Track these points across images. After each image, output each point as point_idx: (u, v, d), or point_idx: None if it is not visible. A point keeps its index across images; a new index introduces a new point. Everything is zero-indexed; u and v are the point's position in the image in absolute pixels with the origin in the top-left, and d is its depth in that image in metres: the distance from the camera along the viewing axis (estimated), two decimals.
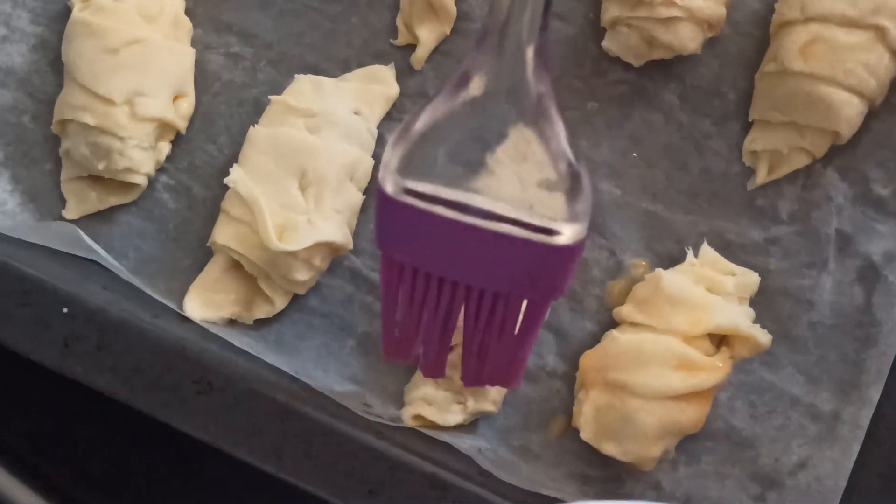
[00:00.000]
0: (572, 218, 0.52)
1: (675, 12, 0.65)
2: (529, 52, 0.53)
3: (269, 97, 0.67)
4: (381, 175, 0.54)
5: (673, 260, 0.67)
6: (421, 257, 0.54)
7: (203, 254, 0.68)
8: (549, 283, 0.54)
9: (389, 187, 0.53)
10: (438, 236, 0.53)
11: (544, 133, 0.53)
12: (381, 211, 0.54)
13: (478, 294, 0.55)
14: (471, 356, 0.58)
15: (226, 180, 0.64)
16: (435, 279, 0.55)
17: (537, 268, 0.53)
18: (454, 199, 0.53)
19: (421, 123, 0.54)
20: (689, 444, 0.65)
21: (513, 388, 0.61)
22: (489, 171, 0.53)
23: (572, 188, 0.53)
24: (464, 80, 0.54)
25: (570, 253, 0.53)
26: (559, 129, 0.54)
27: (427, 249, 0.54)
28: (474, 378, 0.59)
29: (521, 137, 0.53)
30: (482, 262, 0.54)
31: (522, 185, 0.53)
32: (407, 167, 0.53)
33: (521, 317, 0.56)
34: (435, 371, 0.60)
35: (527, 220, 0.52)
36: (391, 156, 0.54)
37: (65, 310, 0.61)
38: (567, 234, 0.52)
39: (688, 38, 0.66)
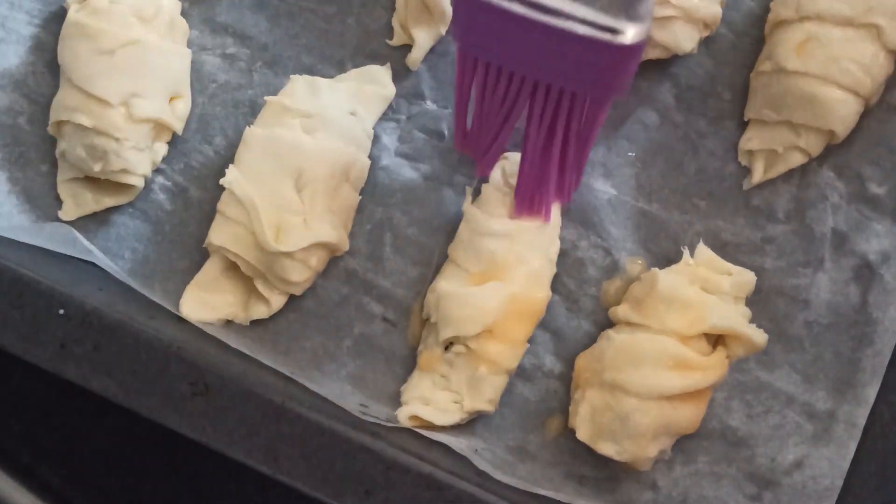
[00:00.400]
0: (635, 18, 0.54)
1: (670, 12, 0.65)
2: None
3: (265, 98, 0.67)
4: None
5: (669, 259, 0.67)
6: (494, 52, 0.57)
7: (199, 255, 0.68)
8: (611, 81, 0.56)
9: None
10: (511, 32, 0.55)
11: None
12: (458, 6, 0.56)
13: (543, 92, 0.58)
14: (530, 165, 0.61)
15: (222, 181, 0.64)
16: (505, 73, 0.58)
17: (601, 66, 0.55)
18: None
19: None
20: (685, 443, 0.65)
21: (563, 202, 0.65)
22: None
23: None
24: None
25: (631, 52, 0.54)
26: None
27: (500, 44, 0.56)
28: (530, 189, 0.63)
29: None
30: (550, 59, 0.56)
31: None
32: None
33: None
34: (488, 167, 0.65)
35: (593, 19, 0.53)
36: None
37: (61, 311, 0.61)
38: (630, 33, 0.54)
39: (683, 38, 0.66)
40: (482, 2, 0.54)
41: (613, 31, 0.54)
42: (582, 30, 0.53)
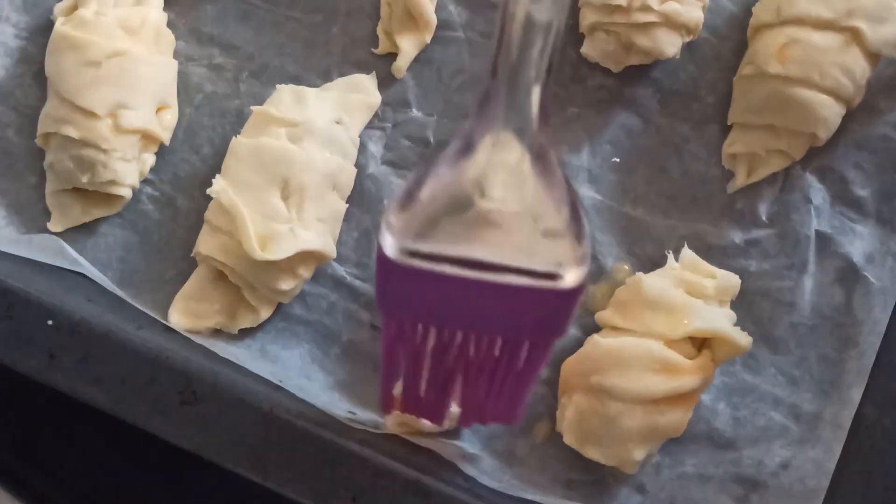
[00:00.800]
0: (576, 262, 0.52)
1: (652, 17, 0.65)
2: (535, 94, 0.51)
3: (251, 108, 0.67)
4: (383, 241, 0.52)
5: (654, 263, 0.67)
6: (426, 315, 0.54)
7: (187, 264, 0.68)
8: (554, 324, 0.54)
9: (394, 253, 0.52)
10: (444, 293, 0.53)
11: (547, 179, 0.53)
12: (383, 275, 0.53)
13: (482, 341, 0.55)
14: (471, 399, 0.58)
15: (209, 191, 0.64)
16: (438, 332, 0.55)
17: (542, 312, 0.53)
18: (458, 255, 0.52)
19: (426, 191, 0.52)
20: (672, 446, 0.65)
21: (513, 424, 0.61)
22: (492, 221, 0.52)
23: (575, 233, 0.53)
24: (468, 147, 0.52)
25: (573, 295, 0.53)
26: (560, 177, 0.53)
27: (432, 306, 0.54)
28: (475, 418, 0.60)
29: (523, 183, 0.53)
30: (488, 312, 0.54)
31: (525, 232, 0.52)
32: (409, 231, 0.52)
33: (523, 356, 0.56)
34: (438, 418, 0.60)
35: (532, 268, 0.52)
36: (395, 221, 0.52)
37: (49, 322, 0.61)
38: (571, 277, 0.52)
39: (666, 43, 0.66)
40: (413, 267, 0.52)
41: (553, 276, 0.52)
42: (521, 281, 0.51)
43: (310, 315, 0.68)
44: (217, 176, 0.65)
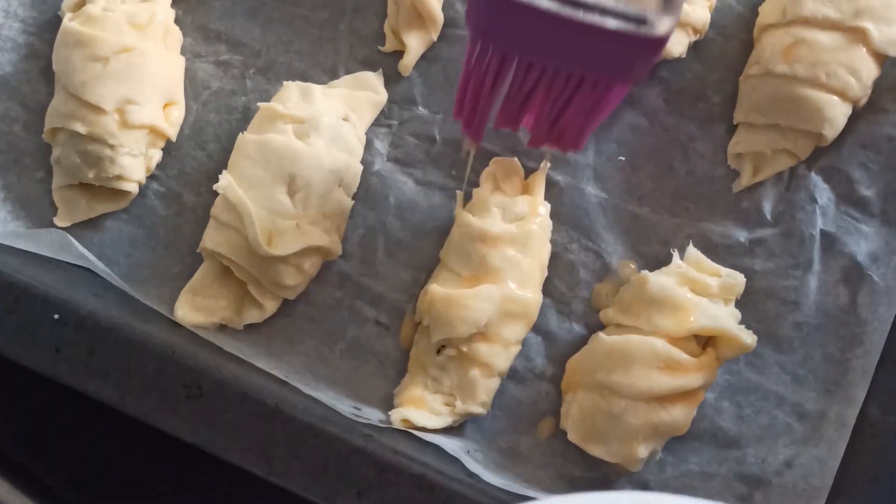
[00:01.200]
0: (666, 9, 0.52)
1: None
2: None
3: (258, 104, 0.68)
4: None
5: (659, 262, 0.67)
6: (512, 43, 0.55)
7: (193, 260, 0.68)
8: (635, 69, 0.55)
9: None
10: (534, 26, 0.53)
11: None
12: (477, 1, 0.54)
13: (561, 75, 0.56)
14: (542, 123, 0.60)
15: (215, 187, 0.64)
16: (519, 62, 0.56)
17: (627, 56, 0.54)
18: None
19: None
20: (676, 444, 0.65)
21: (576, 151, 0.65)
22: None
23: None
24: None
25: (659, 44, 0.53)
26: None
27: (519, 36, 0.54)
28: (543, 140, 0.62)
29: None
30: (574, 50, 0.54)
31: None
32: None
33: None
34: (512, 124, 0.62)
35: (625, 11, 0.52)
36: None
37: (56, 316, 0.61)
38: (662, 26, 0.52)
39: (672, 42, 0.66)
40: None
41: (644, 21, 0.52)
42: (612, 24, 0.52)
43: (315, 311, 0.68)
44: (224, 172, 0.65)
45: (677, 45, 0.67)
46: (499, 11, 0.53)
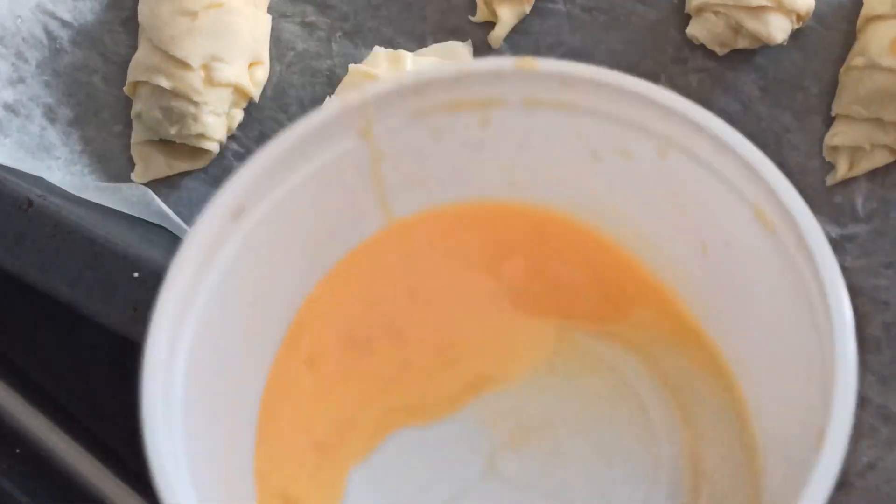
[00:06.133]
0: None
1: (764, 1, 0.64)
2: None
3: (350, 66, 0.66)
4: None
5: None
6: None
7: None
8: None
9: None
10: None
11: None
12: None
13: None
14: None
15: None
16: None
17: None
18: None
19: None
20: None
21: None
22: None
23: None
24: None
25: None
26: None
27: None
28: None
29: None
30: None
31: None
32: None
33: None
34: None
35: None
36: None
37: (135, 274, 0.60)
38: None
39: (776, 28, 0.65)
40: None
41: None
42: None
43: None
44: None
45: (780, 32, 0.65)
46: None
